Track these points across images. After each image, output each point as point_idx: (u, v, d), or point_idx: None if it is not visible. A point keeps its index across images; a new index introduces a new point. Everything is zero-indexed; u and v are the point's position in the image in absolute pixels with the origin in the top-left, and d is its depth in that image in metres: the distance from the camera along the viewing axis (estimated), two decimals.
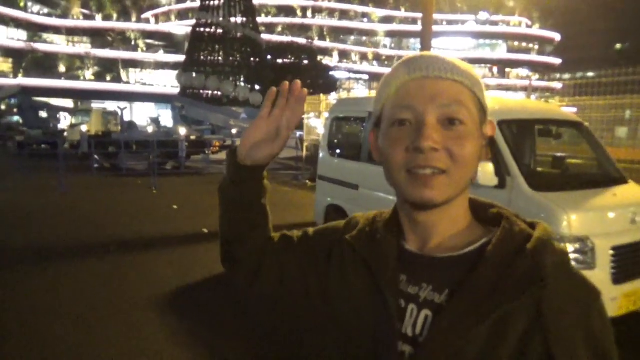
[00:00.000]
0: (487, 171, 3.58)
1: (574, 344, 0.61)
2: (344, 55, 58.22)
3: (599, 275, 3.29)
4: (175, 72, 27.87)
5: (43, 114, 27.36)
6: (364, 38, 62.64)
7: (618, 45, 72.54)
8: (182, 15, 56.32)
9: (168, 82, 46.47)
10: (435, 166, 0.67)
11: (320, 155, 6.41)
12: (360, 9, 63.40)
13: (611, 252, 3.35)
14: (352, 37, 62.22)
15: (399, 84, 0.72)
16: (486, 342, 0.62)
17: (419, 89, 0.69)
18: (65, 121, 30.06)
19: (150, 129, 21.60)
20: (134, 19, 53.28)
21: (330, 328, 0.80)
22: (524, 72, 62.30)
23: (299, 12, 59.30)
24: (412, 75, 0.71)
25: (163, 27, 54.15)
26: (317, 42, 47.67)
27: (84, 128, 20.10)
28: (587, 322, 0.62)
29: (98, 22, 51.24)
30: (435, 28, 8.94)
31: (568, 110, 7.62)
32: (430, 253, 0.73)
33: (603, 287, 3.05)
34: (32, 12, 49.70)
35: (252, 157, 0.85)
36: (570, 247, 3.26)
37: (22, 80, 40.00)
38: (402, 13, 63.86)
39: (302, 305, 0.89)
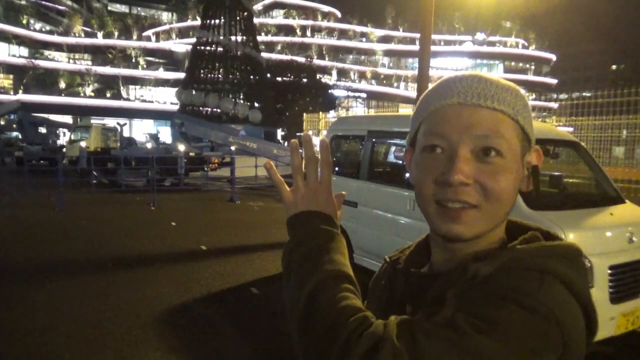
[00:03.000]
0: None
1: None
2: (342, 73, 58.74)
3: (597, 295, 3.30)
4: (175, 90, 28.06)
5: (42, 130, 27.38)
6: (363, 57, 63.28)
7: (614, 66, 73.37)
8: (182, 33, 56.90)
9: (168, 99, 46.77)
10: (465, 201, 0.63)
11: None
12: (359, 28, 64.20)
13: (609, 271, 3.37)
14: (351, 56, 62.85)
15: (436, 107, 0.68)
16: None
17: (455, 116, 0.65)
18: (64, 137, 30.13)
19: (149, 146, 21.67)
20: (135, 36, 53.77)
21: None
22: (521, 91, 62.72)
23: (298, 31, 60.01)
24: (449, 100, 0.66)
25: (164, 44, 54.67)
26: (316, 61, 48.14)
27: (83, 144, 20.15)
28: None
29: (99, 40, 51.71)
30: (433, 48, 9.06)
31: (564, 130, 7.68)
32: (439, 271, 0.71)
33: (601, 307, 3.06)
34: (34, 29, 50.20)
35: None
36: None
37: (22, 96, 40.20)
38: (400, 33, 64.64)
39: None
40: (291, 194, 0.76)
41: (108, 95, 49.18)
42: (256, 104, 25.90)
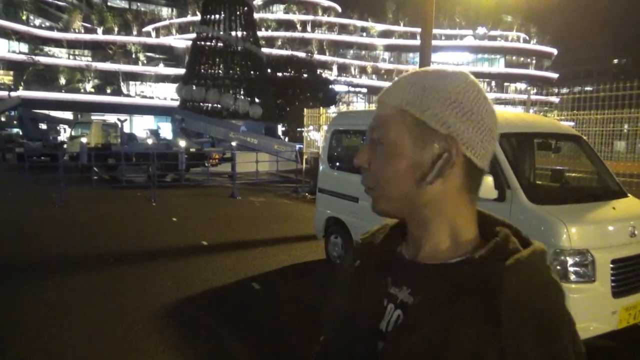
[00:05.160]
0: (486, 184, 3.60)
1: None
2: (343, 68, 58.61)
3: (599, 289, 3.29)
4: (176, 85, 28.02)
5: (43, 126, 27.37)
6: (363, 52, 63.12)
7: (615, 60, 73.13)
8: (182, 28, 56.75)
9: (168, 95, 46.71)
10: (366, 184, 0.76)
11: (321, 167, 6.43)
12: (360, 23, 63.99)
13: (611, 265, 3.36)
14: (352, 51, 62.70)
15: None
16: (433, 345, 0.64)
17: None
18: (65, 133, 30.12)
19: (149, 141, 21.65)
20: (134, 32, 53.65)
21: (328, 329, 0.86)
22: (522, 86, 62.74)
23: (298, 26, 59.83)
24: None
25: (164, 40, 54.55)
26: (317, 56, 48.04)
27: (83, 140, 20.12)
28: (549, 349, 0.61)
29: (99, 35, 51.60)
30: (433, 42, 9.01)
31: (566, 124, 7.66)
32: (419, 260, 0.76)
33: (603, 301, 3.05)
34: (34, 25, 50.10)
35: None
36: (570, 260, 3.27)
37: (23, 93, 40.18)
38: (400, 28, 64.43)
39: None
40: None
41: (108, 91, 49.11)
42: (257, 100, 25.85)
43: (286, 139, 28.68)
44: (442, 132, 0.70)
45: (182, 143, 18.12)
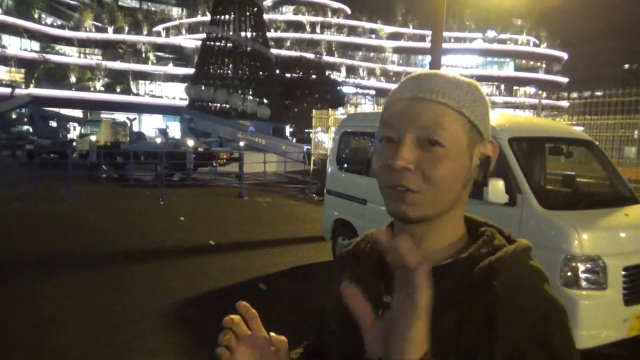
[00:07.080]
0: (497, 188, 3.57)
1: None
2: (351, 70, 58.53)
3: (611, 296, 3.25)
4: (185, 85, 28.10)
5: (53, 124, 27.58)
6: (372, 54, 63.05)
7: (626, 65, 72.57)
8: (192, 28, 56.98)
9: (177, 95, 46.87)
10: (406, 186, 0.69)
11: (329, 169, 6.42)
12: (369, 25, 63.94)
13: (623, 272, 3.32)
14: (360, 53, 62.65)
15: (390, 102, 0.76)
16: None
17: (404, 109, 0.72)
18: (74, 131, 30.34)
19: (158, 140, 21.76)
20: (145, 31, 53.94)
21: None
22: (531, 90, 62.39)
23: (307, 28, 59.90)
24: (402, 95, 0.74)
25: (173, 40, 54.77)
26: (326, 57, 47.98)
27: (93, 138, 20.26)
28: (544, 340, 0.63)
29: (109, 35, 51.92)
30: (443, 45, 8.98)
31: (577, 129, 7.59)
32: None
33: (614, 308, 3.00)
34: (45, 24, 50.53)
35: None
36: (581, 267, 3.23)
37: (33, 90, 40.49)
38: (410, 30, 64.33)
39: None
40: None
41: (118, 90, 49.35)
42: (265, 100, 25.87)
43: (294, 140, 28.69)
44: (484, 137, 0.74)
45: (190, 142, 18.19)
